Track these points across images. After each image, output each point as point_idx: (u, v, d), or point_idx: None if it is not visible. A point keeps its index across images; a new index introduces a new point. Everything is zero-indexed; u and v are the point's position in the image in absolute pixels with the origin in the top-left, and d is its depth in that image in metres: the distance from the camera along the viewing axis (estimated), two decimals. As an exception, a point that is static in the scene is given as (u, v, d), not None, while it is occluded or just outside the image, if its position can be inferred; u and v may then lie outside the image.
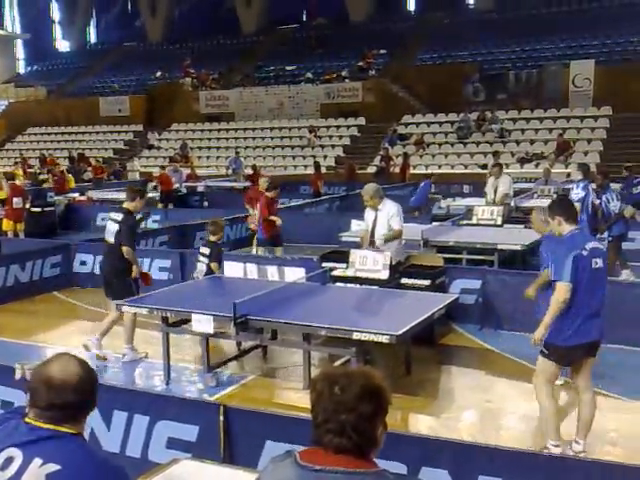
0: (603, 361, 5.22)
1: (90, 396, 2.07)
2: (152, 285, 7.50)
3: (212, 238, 7.87)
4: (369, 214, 7.83)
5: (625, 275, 9.59)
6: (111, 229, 7.20)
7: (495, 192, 12.50)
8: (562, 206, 4.79)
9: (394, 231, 7.57)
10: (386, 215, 7.60)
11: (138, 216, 8.02)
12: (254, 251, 10.77)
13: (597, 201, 9.50)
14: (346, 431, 1.87)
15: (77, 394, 2.02)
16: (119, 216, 7.16)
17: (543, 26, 28.30)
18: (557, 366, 4.82)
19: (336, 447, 1.88)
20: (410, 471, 3.71)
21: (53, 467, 1.93)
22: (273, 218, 10.24)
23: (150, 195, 18.44)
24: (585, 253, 4.52)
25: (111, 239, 7.19)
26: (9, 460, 1.95)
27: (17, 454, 1.96)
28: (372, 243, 7.74)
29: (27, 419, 2.02)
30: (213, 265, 7.67)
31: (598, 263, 4.59)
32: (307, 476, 1.87)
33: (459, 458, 3.82)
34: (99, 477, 1.97)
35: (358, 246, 8.21)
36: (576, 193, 9.23)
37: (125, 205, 7.28)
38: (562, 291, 4.49)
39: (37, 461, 1.93)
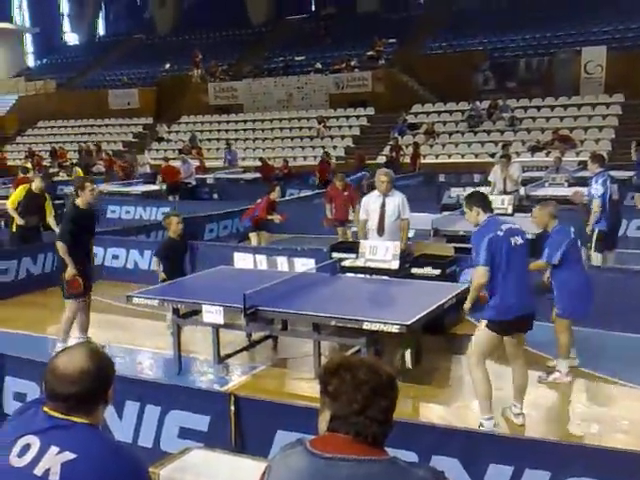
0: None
1: (92, 389, 2.04)
2: (78, 291, 6.89)
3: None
4: (373, 200, 7.89)
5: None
6: None
7: (505, 182, 12.37)
8: (479, 198, 5.19)
9: (404, 225, 7.87)
10: (395, 202, 7.74)
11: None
12: (254, 242, 10.76)
13: (616, 196, 9.05)
14: (387, 418, 1.87)
15: (76, 386, 2.00)
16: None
17: (554, 12, 27.99)
18: (494, 338, 5.03)
19: (370, 435, 1.84)
20: (421, 459, 3.70)
21: (69, 456, 1.93)
22: (271, 217, 10.74)
23: (156, 187, 18.47)
24: (500, 234, 4.85)
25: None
26: (26, 447, 1.97)
27: (34, 441, 1.97)
28: (381, 228, 7.79)
29: (45, 408, 2.04)
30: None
31: (518, 241, 4.93)
32: (317, 464, 1.84)
33: (470, 446, 3.81)
34: (116, 466, 1.97)
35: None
36: (595, 189, 8.69)
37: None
38: (479, 274, 4.89)
39: (54, 449, 1.94)
